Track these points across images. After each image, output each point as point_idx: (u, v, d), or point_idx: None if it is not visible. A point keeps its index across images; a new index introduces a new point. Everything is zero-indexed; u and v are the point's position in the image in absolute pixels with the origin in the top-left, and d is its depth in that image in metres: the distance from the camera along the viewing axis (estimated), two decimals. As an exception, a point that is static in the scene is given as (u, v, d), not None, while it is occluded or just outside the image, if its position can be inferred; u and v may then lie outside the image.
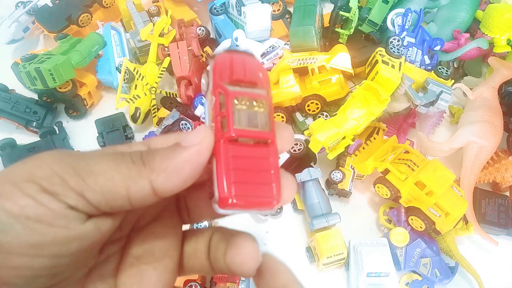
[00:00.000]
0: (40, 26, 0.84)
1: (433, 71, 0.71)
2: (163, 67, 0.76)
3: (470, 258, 0.66)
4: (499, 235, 0.70)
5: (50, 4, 0.86)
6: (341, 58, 0.72)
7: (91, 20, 0.84)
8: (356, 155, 0.70)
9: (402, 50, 0.69)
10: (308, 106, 0.75)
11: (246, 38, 0.78)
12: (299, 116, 0.77)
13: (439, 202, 0.62)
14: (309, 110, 0.75)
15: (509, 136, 0.73)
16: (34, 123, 0.78)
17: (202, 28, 0.83)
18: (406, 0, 0.80)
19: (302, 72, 0.75)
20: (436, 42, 0.73)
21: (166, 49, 0.77)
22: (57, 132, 0.78)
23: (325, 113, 0.75)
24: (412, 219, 0.64)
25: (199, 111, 0.72)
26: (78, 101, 0.80)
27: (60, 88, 0.76)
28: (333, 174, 0.69)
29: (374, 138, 0.71)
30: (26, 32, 0.88)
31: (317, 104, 0.74)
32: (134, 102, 0.76)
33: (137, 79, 0.76)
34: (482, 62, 0.83)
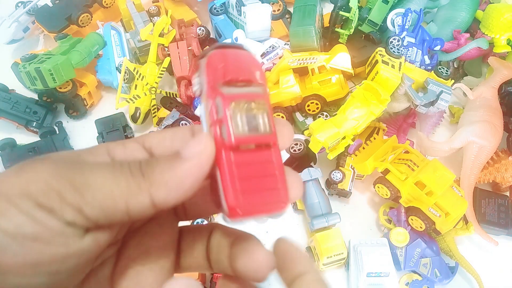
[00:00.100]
0: (40, 26, 0.84)
1: (433, 71, 0.71)
2: (163, 67, 0.76)
3: (470, 258, 0.66)
4: (499, 235, 0.70)
5: (50, 4, 0.86)
6: (341, 58, 0.72)
7: (91, 20, 0.84)
8: (356, 155, 0.70)
9: (402, 50, 0.69)
10: (308, 106, 0.75)
11: (246, 38, 0.78)
12: (299, 116, 0.77)
13: (439, 202, 0.62)
14: (309, 110, 0.75)
15: (509, 136, 0.73)
16: (34, 123, 0.78)
17: (202, 28, 0.83)
18: (406, 0, 0.80)
19: (302, 72, 0.75)
20: (436, 42, 0.73)
21: (166, 49, 0.77)
22: (57, 132, 0.78)
23: (325, 113, 0.75)
24: (412, 219, 0.64)
25: (199, 111, 0.72)
26: (78, 101, 0.80)
27: (60, 88, 0.76)
28: (333, 174, 0.69)
29: (374, 138, 0.71)
30: (26, 32, 0.88)
31: (317, 104, 0.74)
32: (134, 102, 0.76)
33: (137, 79, 0.76)
34: (482, 62, 0.83)
